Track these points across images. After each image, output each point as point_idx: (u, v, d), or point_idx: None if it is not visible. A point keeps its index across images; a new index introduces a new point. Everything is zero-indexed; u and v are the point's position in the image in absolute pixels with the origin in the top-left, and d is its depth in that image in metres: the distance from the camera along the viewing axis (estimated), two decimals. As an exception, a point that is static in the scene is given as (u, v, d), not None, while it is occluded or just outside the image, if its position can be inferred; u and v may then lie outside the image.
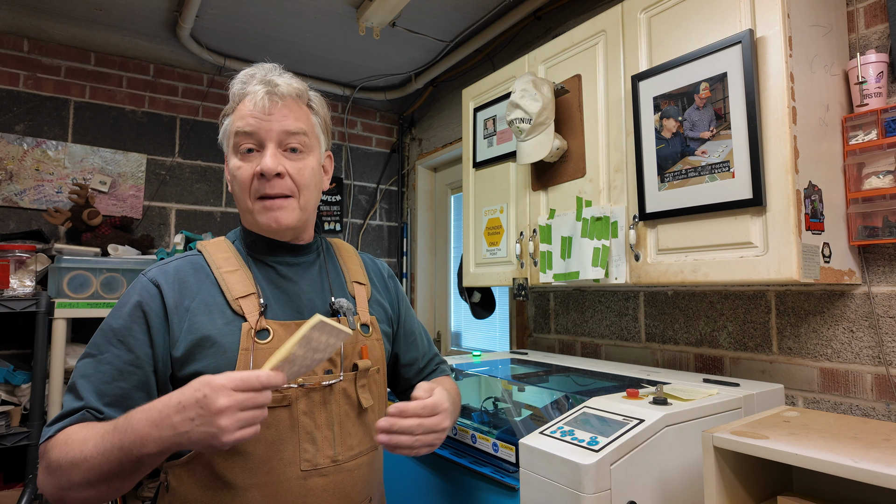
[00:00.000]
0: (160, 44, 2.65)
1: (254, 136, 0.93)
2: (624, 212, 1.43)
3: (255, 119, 0.93)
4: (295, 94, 0.97)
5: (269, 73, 0.97)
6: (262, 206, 0.94)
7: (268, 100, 0.93)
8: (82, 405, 0.83)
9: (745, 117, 1.17)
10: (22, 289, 2.09)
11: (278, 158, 0.93)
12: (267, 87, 0.94)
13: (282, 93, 0.95)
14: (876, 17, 1.29)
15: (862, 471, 0.73)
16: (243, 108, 0.95)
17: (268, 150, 0.93)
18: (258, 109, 0.93)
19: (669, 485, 1.01)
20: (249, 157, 0.94)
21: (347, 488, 0.95)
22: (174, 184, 2.78)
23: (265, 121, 0.93)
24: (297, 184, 0.95)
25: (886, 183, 1.20)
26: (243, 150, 0.94)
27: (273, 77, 0.96)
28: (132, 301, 0.90)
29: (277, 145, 0.94)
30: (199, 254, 0.99)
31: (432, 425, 0.90)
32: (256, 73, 0.97)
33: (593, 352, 1.97)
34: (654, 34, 1.39)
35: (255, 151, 0.94)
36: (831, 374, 1.34)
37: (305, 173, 0.96)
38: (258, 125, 0.93)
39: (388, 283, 1.19)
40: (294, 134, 0.95)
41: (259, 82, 0.95)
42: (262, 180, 0.93)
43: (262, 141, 0.93)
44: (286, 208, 0.95)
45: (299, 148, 0.96)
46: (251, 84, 0.96)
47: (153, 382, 0.88)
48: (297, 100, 0.98)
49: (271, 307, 0.95)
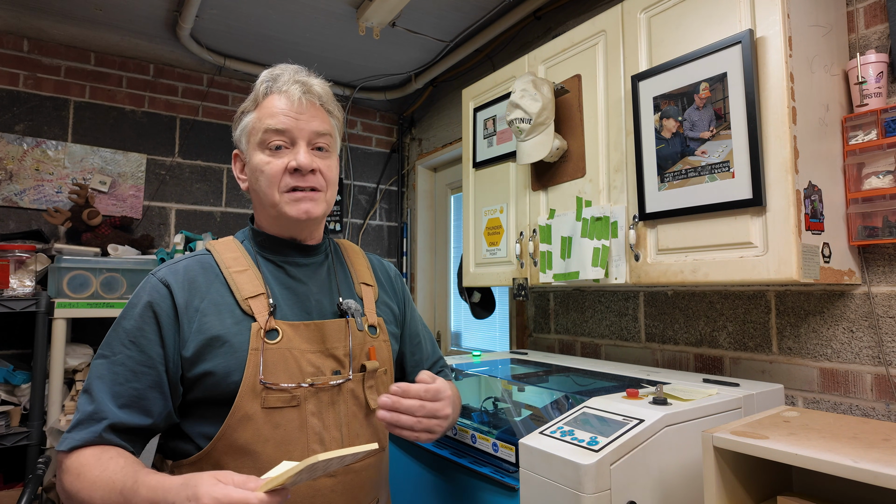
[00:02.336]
0: (160, 44, 2.65)
1: (287, 133, 0.96)
2: (624, 212, 1.43)
3: (289, 117, 0.95)
4: (326, 96, 1.02)
5: (299, 73, 1.00)
6: (291, 198, 0.96)
7: (305, 100, 0.97)
8: (94, 409, 0.84)
9: (745, 117, 1.17)
10: (22, 289, 2.09)
11: (311, 155, 0.97)
12: (303, 87, 0.97)
13: (317, 92, 1.00)
14: (876, 17, 1.29)
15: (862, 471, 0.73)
16: (272, 105, 0.97)
17: (301, 147, 0.96)
18: (293, 108, 0.96)
19: (669, 485, 1.01)
20: (279, 153, 0.96)
21: (355, 489, 0.95)
22: (174, 184, 2.78)
23: (299, 119, 0.96)
24: (326, 180, 0.99)
25: (886, 183, 1.20)
26: (272, 147, 0.96)
27: (305, 78, 1.00)
28: (143, 301, 0.90)
29: (307, 144, 0.97)
30: (208, 253, 0.99)
31: (434, 410, 0.91)
32: (284, 73, 0.99)
33: (593, 352, 1.97)
34: (654, 34, 1.39)
35: (284, 148, 0.96)
36: (831, 374, 1.34)
37: (333, 170, 1.01)
38: (292, 123, 0.95)
39: (395, 284, 1.19)
40: (323, 134, 0.99)
41: (294, 82, 0.98)
42: (296, 175, 0.95)
43: (294, 139, 0.96)
44: (316, 200, 0.98)
45: (325, 147, 1.00)
46: (281, 83, 0.98)
47: (166, 382, 0.88)
48: (325, 102, 1.02)
49: (280, 308, 0.95)
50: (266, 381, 0.88)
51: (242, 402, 0.87)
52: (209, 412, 0.89)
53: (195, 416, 0.91)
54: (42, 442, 2.03)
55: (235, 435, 0.87)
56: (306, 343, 0.94)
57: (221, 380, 0.88)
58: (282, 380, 0.90)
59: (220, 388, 0.88)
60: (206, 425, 0.89)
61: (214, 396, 0.88)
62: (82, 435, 0.83)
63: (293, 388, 0.90)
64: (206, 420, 0.89)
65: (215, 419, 0.88)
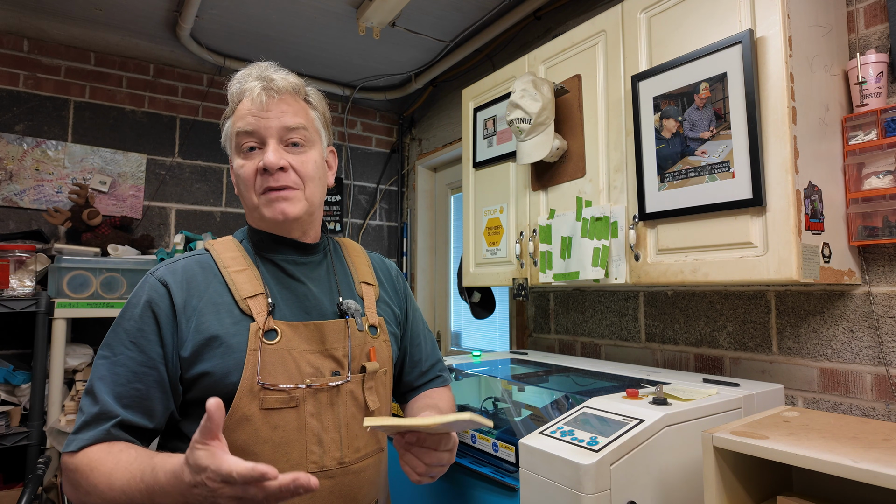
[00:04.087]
0: (160, 44, 2.65)
1: (254, 134, 0.94)
2: (624, 212, 1.43)
3: (255, 117, 0.93)
4: (291, 88, 0.97)
5: (265, 70, 0.97)
6: (267, 199, 0.94)
7: (265, 95, 0.93)
8: (99, 410, 0.84)
9: (745, 117, 1.17)
10: (22, 289, 2.09)
11: (280, 153, 0.94)
12: (263, 83, 0.94)
13: (278, 87, 0.95)
14: (876, 17, 1.29)
15: (862, 471, 0.73)
16: (242, 107, 0.95)
17: (269, 146, 0.93)
18: (256, 107, 0.93)
19: (669, 485, 1.01)
20: (252, 154, 0.95)
21: (354, 490, 0.94)
22: (174, 184, 2.78)
23: (264, 118, 0.93)
24: (301, 176, 0.96)
25: (886, 183, 1.20)
26: (245, 149, 0.95)
27: (268, 73, 0.96)
28: (142, 301, 0.90)
29: (279, 141, 0.94)
30: (207, 253, 0.99)
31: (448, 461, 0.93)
32: (252, 72, 0.97)
33: (593, 352, 1.97)
34: (654, 34, 1.39)
35: (257, 149, 0.95)
36: (831, 374, 1.34)
37: (309, 165, 0.97)
38: (257, 123, 0.93)
39: (397, 284, 1.18)
40: (294, 129, 0.95)
41: (255, 79, 0.95)
42: (266, 175, 0.93)
43: (262, 138, 0.94)
44: (292, 199, 0.95)
45: (300, 142, 0.96)
46: (247, 82, 0.96)
47: (167, 381, 0.88)
48: (295, 94, 0.98)
49: (279, 307, 0.95)
50: (264, 381, 0.88)
51: (240, 402, 0.87)
52: None
53: (194, 416, 0.90)
54: (42, 442, 2.03)
55: (233, 436, 0.86)
56: (305, 343, 0.94)
57: (219, 380, 0.87)
58: (280, 381, 0.90)
59: (217, 388, 0.87)
60: None
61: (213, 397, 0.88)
62: (90, 434, 0.83)
63: (291, 389, 0.90)
64: None
65: None
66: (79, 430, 0.84)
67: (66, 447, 0.83)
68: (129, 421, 0.85)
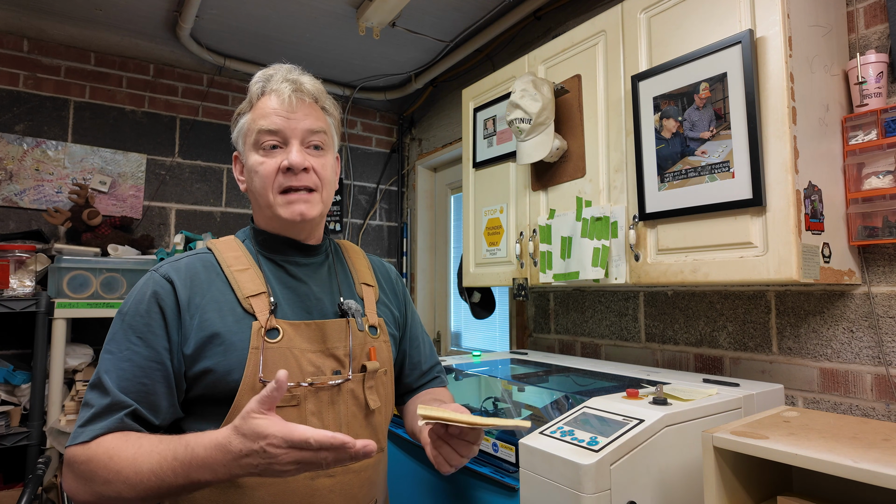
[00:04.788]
0: (160, 44, 2.65)
1: (279, 133, 0.95)
2: (624, 212, 1.43)
3: (281, 117, 0.95)
4: (318, 93, 1.01)
5: (290, 72, 1.00)
6: (285, 200, 0.95)
7: (294, 98, 0.96)
8: (110, 402, 0.83)
9: (745, 117, 1.17)
10: (22, 289, 2.09)
11: (304, 154, 0.96)
12: (293, 86, 0.97)
13: (308, 90, 0.99)
14: (876, 18, 1.29)
15: (862, 471, 0.73)
16: (265, 105, 0.97)
17: (293, 146, 0.95)
18: (284, 107, 0.95)
19: (669, 485, 1.01)
20: (273, 153, 0.96)
21: (354, 489, 0.95)
22: (174, 184, 2.78)
23: (292, 119, 0.95)
24: (320, 178, 0.98)
25: (886, 183, 1.20)
26: (266, 147, 0.96)
27: (295, 76, 0.99)
28: (148, 295, 0.90)
29: (301, 142, 0.96)
30: (209, 252, 0.99)
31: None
32: (276, 73, 0.99)
33: (593, 352, 1.97)
34: (654, 34, 1.39)
35: (278, 148, 0.96)
36: (831, 374, 1.34)
37: (328, 169, 1.00)
38: (284, 123, 0.95)
39: (396, 287, 1.19)
40: (316, 132, 0.98)
41: (284, 81, 0.97)
42: (289, 174, 0.95)
43: (286, 138, 0.96)
44: (311, 201, 0.97)
45: (320, 145, 0.99)
46: (273, 83, 0.98)
47: (172, 376, 0.88)
48: (317, 101, 1.02)
49: (281, 307, 0.95)
50: (266, 379, 0.88)
51: (242, 400, 0.87)
52: (209, 410, 0.89)
53: (196, 414, 0.91)
54: (42, 442, 2.03)
55: None
56: (307, 342, 0.94)
57: (221, 378, 0.88)
58: None
59: (219, 386, 0.88)
60: (207, 423, 0.89)
61: (214, 395, 0.88)
62: (103, 423, 0.81)
63: (293, 387, 0.90)
64: (207, 418, 0.89)
65: (215, 417, 0.88)
66: (88, 421, 0.83)
67: (75, 439, 0.82)
68: (141, 412, 0.84)
